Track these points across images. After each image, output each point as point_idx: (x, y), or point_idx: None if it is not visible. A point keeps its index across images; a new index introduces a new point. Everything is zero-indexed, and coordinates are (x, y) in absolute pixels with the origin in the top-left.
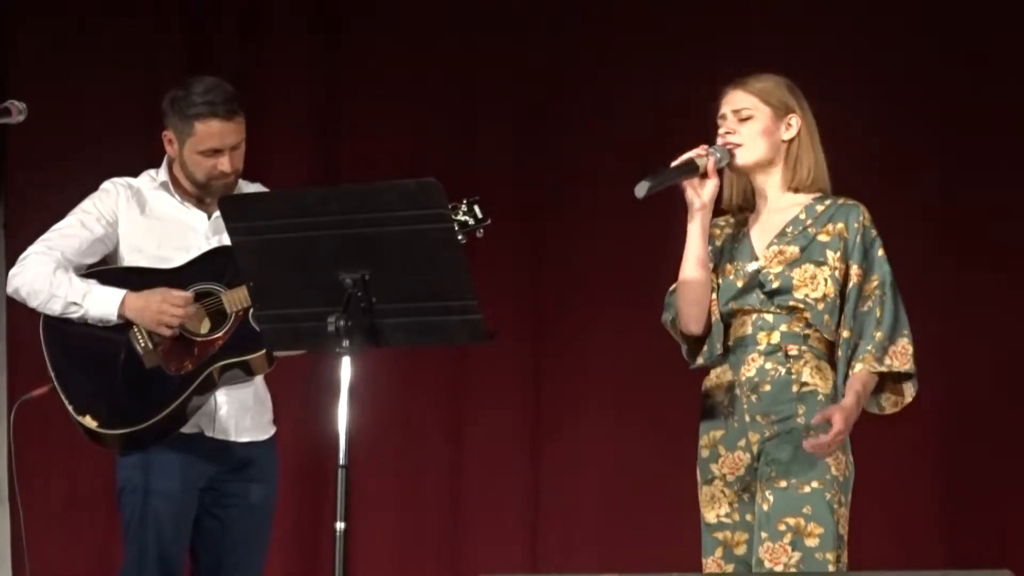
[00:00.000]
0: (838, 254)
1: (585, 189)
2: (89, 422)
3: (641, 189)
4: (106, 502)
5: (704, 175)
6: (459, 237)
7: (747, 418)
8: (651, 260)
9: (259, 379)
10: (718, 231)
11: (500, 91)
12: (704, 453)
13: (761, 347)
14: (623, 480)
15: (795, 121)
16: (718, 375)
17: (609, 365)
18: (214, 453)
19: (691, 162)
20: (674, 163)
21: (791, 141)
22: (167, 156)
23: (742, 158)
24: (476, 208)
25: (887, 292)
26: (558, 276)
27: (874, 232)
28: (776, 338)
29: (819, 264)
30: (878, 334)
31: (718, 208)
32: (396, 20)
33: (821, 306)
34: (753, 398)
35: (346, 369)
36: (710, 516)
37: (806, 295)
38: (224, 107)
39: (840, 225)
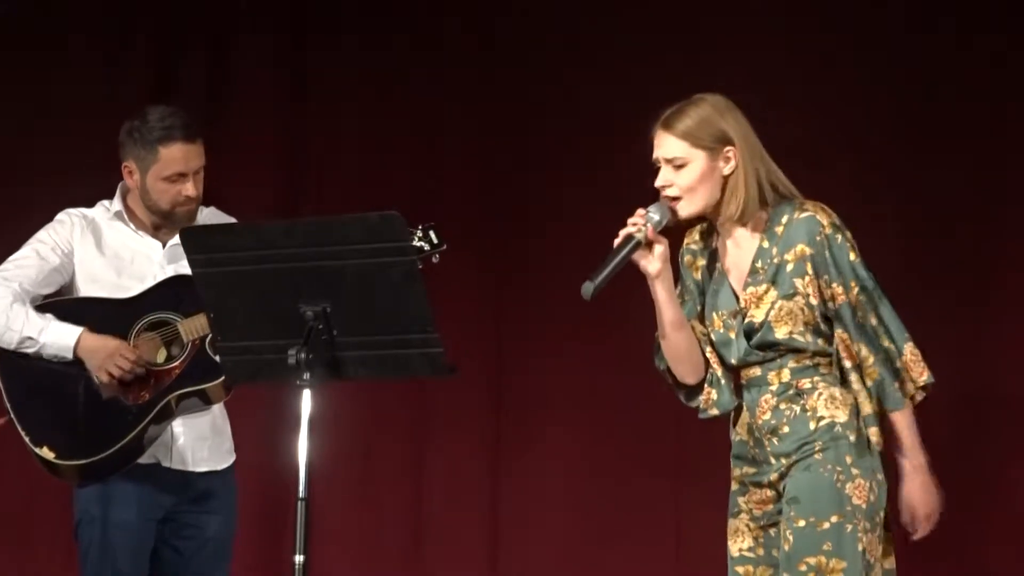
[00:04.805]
0: (806, 279)
1: (547, 219)
2: (47, 453)
3: (587, 291)
4: (64, 536)
5: (650, 244)
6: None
7: (771, 460)
8: (613, 289)
9: (217, 408)
10: (690, 258)
11: (465, 122)
12: (734, 486)
13: (773, 387)
14: (584, 511)
15: (732, 153)
16: (739, 416)
17: (570, 395)
18: (172, 484)
19: (629, 238)
20: (615, 243)
21: (731, 174)
22: (121, 185)
23: (685, 211)
24: (432, 233)
25: (872, 297)
26: (519, 306)
27: (839, 237)
28: (786, 376)
29: (790, 297)
30: (892, 349)
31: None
32: (362, 50)
33: (808, 337)
34: (775, 440)
35: (306, 402)
36: (733, 549)
37: (790, 333)
38: (186, 130)
39: (800, 246)
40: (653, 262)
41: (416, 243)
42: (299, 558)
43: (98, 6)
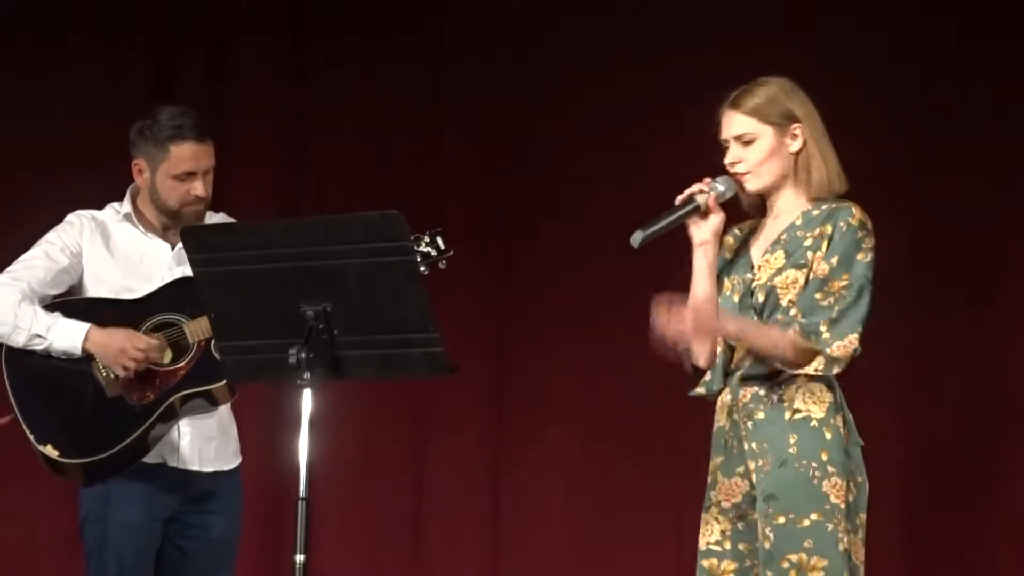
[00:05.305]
0: (819, 254)
1: (547, 219)
2: (50, 452)
3: (636, 239)
4: (65, 536)
5: (707, 212)
6: (422, 268)
7: (746, 445)
8: (614, 287)
9: (224, 408)
10: (731, 239)
11: (465, 122)
12: (709, 479)
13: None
14: (584, 511)
15: (799, 130)
16: (722, 399)
17: (570, 395)
18: (177, 484)
19: (690, 200)
20: (676, 201)
21: (799, 152)
22: (130, 188)
23: (753, 185)
24: (439, 239)
25: (852, 295)
26: (519, 306)
27: (861, 234)
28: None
29: (800, 267)
30: (823, 329)
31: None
32: (362, 50)
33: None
34: (750, 424)
35: (307, 401)
36: (701, 542)
37: (791, 301)
38: (197, 130)
39: (827, 226)
40: (703, 231)
41: (423, 248)
42: (299, 558)
43: (98, 6)
